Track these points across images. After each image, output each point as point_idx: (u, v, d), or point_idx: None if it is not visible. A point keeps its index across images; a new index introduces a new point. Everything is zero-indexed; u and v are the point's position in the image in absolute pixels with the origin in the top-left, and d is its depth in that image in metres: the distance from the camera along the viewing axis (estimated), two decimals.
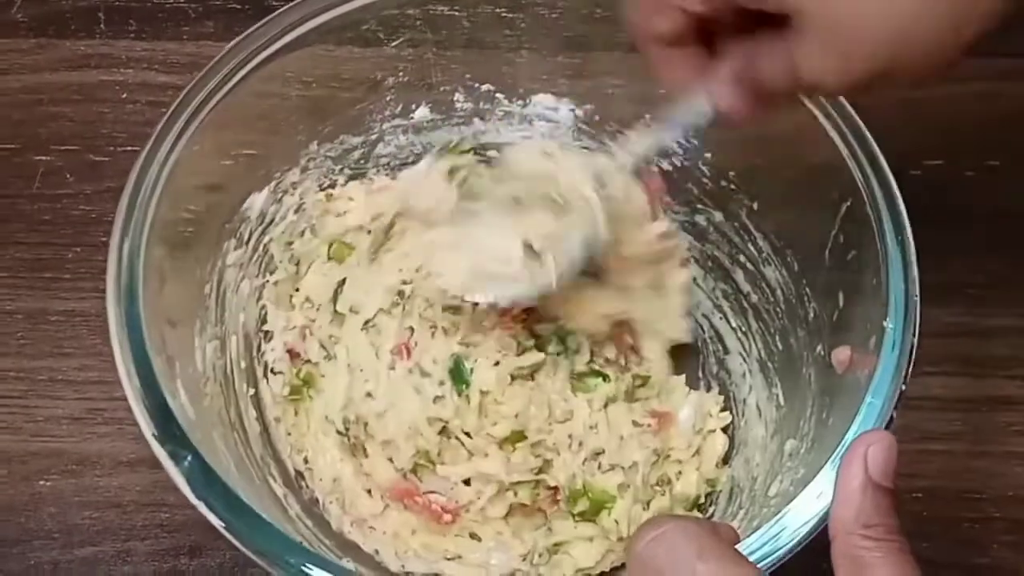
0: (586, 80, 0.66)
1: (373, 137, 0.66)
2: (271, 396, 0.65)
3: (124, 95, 0.78)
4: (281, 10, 0.59)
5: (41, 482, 0.67)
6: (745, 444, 0.64)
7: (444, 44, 0.64)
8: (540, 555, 0.62)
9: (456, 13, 0.63)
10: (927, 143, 0.74)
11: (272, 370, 0.65)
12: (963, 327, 0.69)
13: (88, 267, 0.73)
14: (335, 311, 0.65)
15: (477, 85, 0.66)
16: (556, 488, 0.62)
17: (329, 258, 0.67)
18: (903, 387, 0.50)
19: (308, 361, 0.65)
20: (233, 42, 0.58)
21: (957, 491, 0.67)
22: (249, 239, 0.63)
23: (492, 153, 0.66)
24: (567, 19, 0.63)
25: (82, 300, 0.72)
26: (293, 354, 0.66)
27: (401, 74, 0.64)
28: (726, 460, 0.64)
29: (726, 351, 0.67)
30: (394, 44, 0.63)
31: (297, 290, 0.67)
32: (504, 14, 0.64)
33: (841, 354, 0.55)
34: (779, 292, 0.62)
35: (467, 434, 0.61)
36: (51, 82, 0.79)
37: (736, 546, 0.47)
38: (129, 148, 0.76)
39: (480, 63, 0.66)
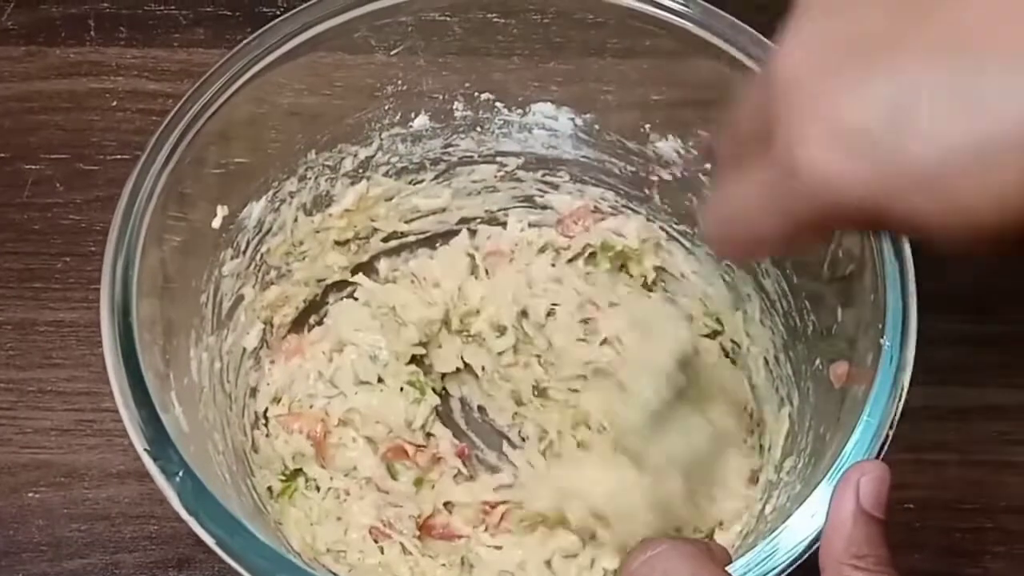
0: (577, 86, 0.66)
1: (372, 145, 0.66)
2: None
3: (114, 103, 0.78)
4: (276, 21, 0.59)
5: (29, 494, 0.67)
6: None
7: (436, 51, 0.64)
8: None
9: (448, 18, 0.63)
10: None
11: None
12: (955, 335, 0.69)
13: (78, 277, 0.72)
14: None
15: (476, 94, 0.66)
16: None
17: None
18: (900, 405, 0.50)
19: None
20: (230, 53, 0.58)
21: (949, 501, 0.67)
22: (246, 249, 0.63)
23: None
24: (559, 25, 0.63)
25: (72, 310, 0.71)
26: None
27: (399, 82, 0.64)
28: None
29: None
30: (393, 53, 0.63)
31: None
32: (495, 20, 0.63)
33: (839, 369, 0.55)
34: (778, 305, 0.62)
35: None
36: (41, 90, 0.78)
37: (729, 566, 0.47)
38: (119, 156, 0.76)
39: (474, 70, 0.65)
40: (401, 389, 0.66)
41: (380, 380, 0.66)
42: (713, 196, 0.45)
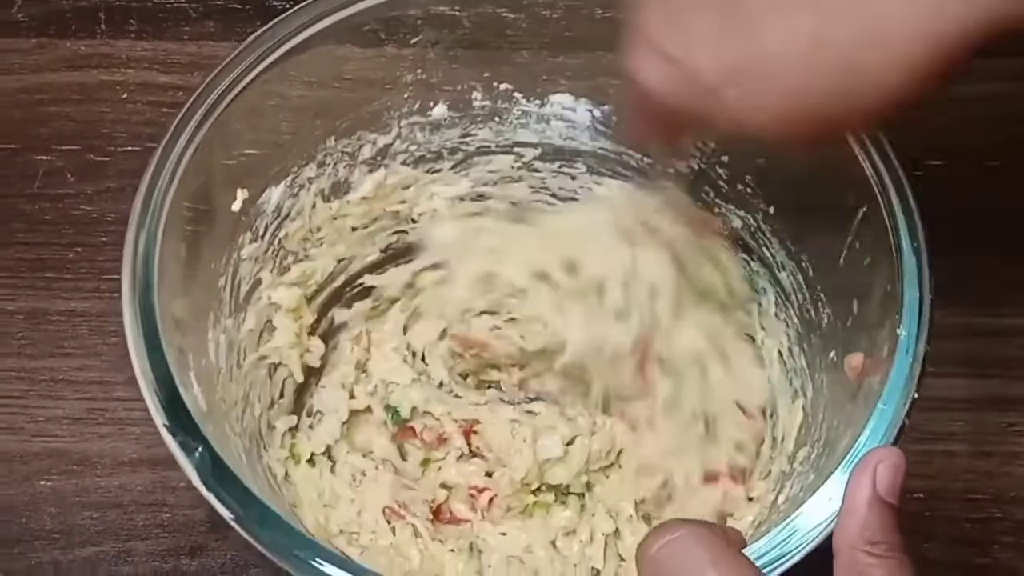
0: (588, 80, 0.66)
1: (391, 133, 0.66)
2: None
3: (124, 95, 0.78)
4: (287, 13, 0.59)
5: (42, 482, 0.67)
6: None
7: (447, 44, 0.64)
8: None
9: (457, 12, 0.63)
10: (929, 144, 0.74)
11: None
12: (965, 327, 0.70)
13: (89, 267, 0.73)
14: None
15: (495, 84, 0.66)
16: None
17: None
18: (915, 395, 0.50)
19: None
20: (246, 42, 0.58)
21: (958, 491, 0.67)
22: (265, 233, 0.63)
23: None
24: (568, 19, 0.63)
25: (83, 300, 0.71)
26: None
27: (418, 71, 0.64)
28: None
29: None
30: (402, 46, 0.63)
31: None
32: (505, 14, 0.63)
33: (854, 360, 0.55)
34: (793, 297, 0.62)
35: None
36: (52, 82, 0.78)
37: (746, 549, 0.47)
38: (129, 148, 0.76)
39: (483, 64, 0.65)
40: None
41: None
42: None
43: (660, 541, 0.43)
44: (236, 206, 0.60)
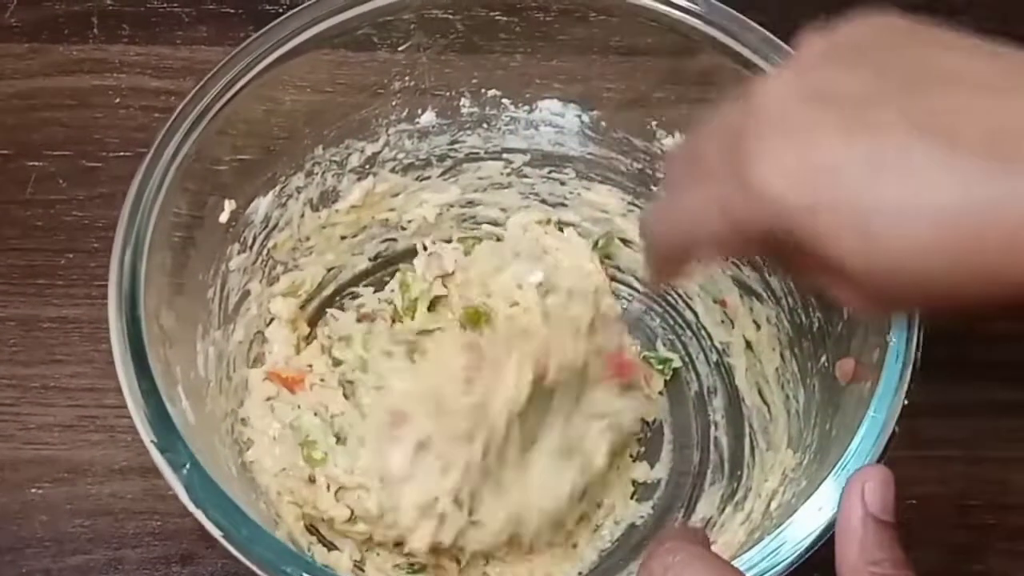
0: (581, 84, 0.66)
1: (379, 141, 0.66)
2: None
3: (117, 100, 0.78)
4: (280, 19, 0.59)
5: (33, 490, 0.66)
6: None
7: (439, 48, 0.64)
8: None
9: (451, 16, 0.63)
10: None
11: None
12: (960, 332, 0.69)
13: (81, 273, 0.72)
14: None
15: (483, 90, 0.66)
16: None
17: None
18: (905, 401, 0.50)
19: None
20: (236, 49, 0.58)
21: (953, 498, 0.67)
22: (253, 244, 0.63)
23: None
24: (561, 22, 0.63)
25: (75, 307, 0.71)
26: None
27: (406, 79, 0.64)
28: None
29: None
30: (396, 51, 0.63)
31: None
32: (498, 17, 0.63)
33: (845, 365, 0.55)
34: (784, 302, 0.62)
35: None
36: (44, 87, 0.78)
37: (736, 560, 0.47)
38: (122, 154, 0.76)
39: (477, 68, 0.65)
40: None
41: None
42: (662, 199, 0.46)
43: (662, 563, 0.43)
44: (224, 217, 0.60)
